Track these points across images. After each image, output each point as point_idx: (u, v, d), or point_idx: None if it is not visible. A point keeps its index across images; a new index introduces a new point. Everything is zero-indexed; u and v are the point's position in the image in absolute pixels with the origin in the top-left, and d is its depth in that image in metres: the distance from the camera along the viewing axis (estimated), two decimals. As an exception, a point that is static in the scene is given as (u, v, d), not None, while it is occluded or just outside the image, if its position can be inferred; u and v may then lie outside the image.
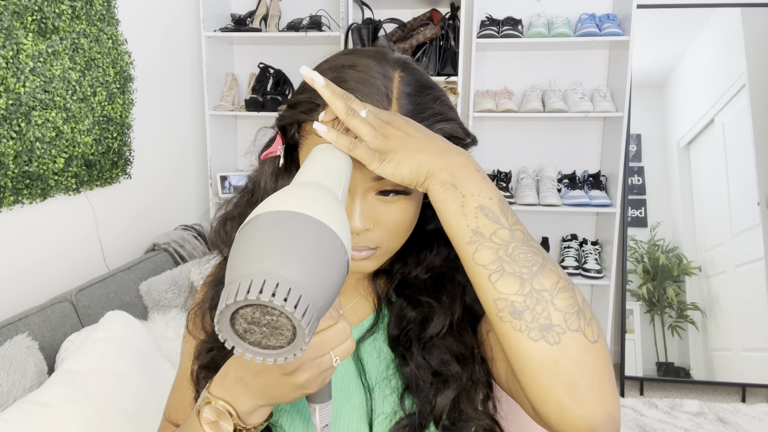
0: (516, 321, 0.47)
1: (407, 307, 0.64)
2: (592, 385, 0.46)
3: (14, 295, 1.61)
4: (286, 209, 0.41)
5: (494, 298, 0.48)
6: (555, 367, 0.46)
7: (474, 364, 0.63)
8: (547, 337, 0.46)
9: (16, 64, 1.56)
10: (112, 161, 2.02)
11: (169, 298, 1.85)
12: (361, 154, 0.50)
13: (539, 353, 0.46)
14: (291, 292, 0.36)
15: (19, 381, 1.25)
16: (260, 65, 2.70)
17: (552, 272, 0.48)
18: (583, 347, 0.47)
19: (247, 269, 0.37)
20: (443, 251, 0.66)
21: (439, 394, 0.61)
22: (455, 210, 0.50)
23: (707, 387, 2.63)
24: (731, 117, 2.55)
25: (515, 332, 0.47)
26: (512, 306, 0.47)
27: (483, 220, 0.49)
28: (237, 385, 0.52)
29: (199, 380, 0.67)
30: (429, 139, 0.52)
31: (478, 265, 0.48)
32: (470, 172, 0.51)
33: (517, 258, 0.48)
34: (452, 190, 0.50)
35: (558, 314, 0.47)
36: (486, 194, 0.50)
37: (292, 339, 0.39)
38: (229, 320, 0.39)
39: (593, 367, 0.47)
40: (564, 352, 0.46)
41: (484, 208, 0.49)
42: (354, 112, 0.50)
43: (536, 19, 2.50)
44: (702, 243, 2.59)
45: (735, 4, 2.53)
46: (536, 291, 0.47)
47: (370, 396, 0.63)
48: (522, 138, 2.75)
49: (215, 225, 0.68)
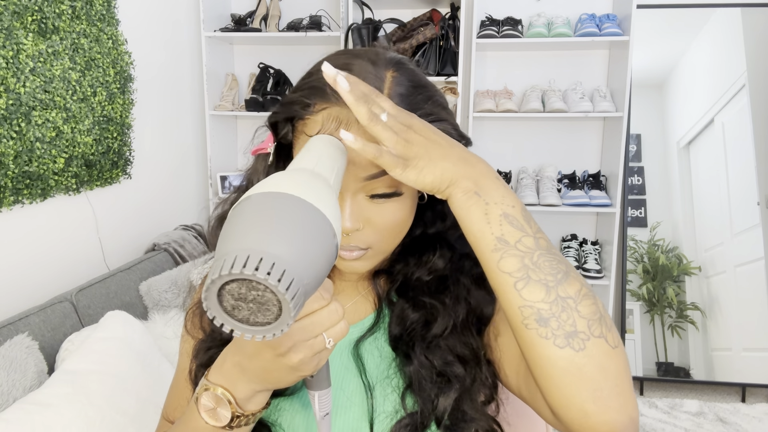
0: (542, 328, 0.47)
1: (409, 308, 0.64)
2: (615, 389, 0.47)
3: (14, 295, 1.61)
4: (275, 190, 0.42)
5: (520, 305, 0.48)
6: (580, 373, 0.47)
7: (477, 365, 0.63)
8: (572, 343, 0.47)
9: (16, 64, 1.56)
10: (112, 161, 2.02)
11: (169, 298, 1.85)
12: (385, 162, 0.49)
13: (565, 360, 0.47)
14: (275, 267, 0.37)
15: (19, 381, 1.25)
16: (260, 65, 2.70)
17: (575, 280, 0.49)
18: (606, 353, 0.47)
19: (234, 245, 0.38)
20: (446, 254, 0.66)
21: (441, 394, 0.61)
22: (479, 217, 0.50)
23: (707, 387, 2.63)
24: (731, 117, 2.55)
25: (541, 339, 0.48)
26: (538, 313, 0.47)
27: (507, 227, 0.49)
28: (234, 370, 0.52)
29: (197, 379, 0.67)
30: (450, 146, 0.52)
31: (504, 272, 0.49)
32: (492, 180, 0.51)
33: (543, 266, 0.48)
34: (475, 197, 0.50)
35: (582, 321, 0.48)
36: (509, 202, 0.50)
37: (278, 315, 0.39)
38: (216, 296, 0.39)
39: (616, 372, 0.47)
40: (589, 359, 0.47)
41: (508, 215, 0.50)
42: (376, 118, 0.50)
43: (536, 19, 2.50)
44: (702, 243, 2.59)
45: (735, 4, 2.53)
46: (561, 298, 0.48)
47: (371, 394, 0.63)
48: (522, 138, 2.75)
49: (212, 224, 0.68)
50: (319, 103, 0.56)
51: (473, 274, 0.65)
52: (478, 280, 0.65)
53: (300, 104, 0.57)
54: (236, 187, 0.69)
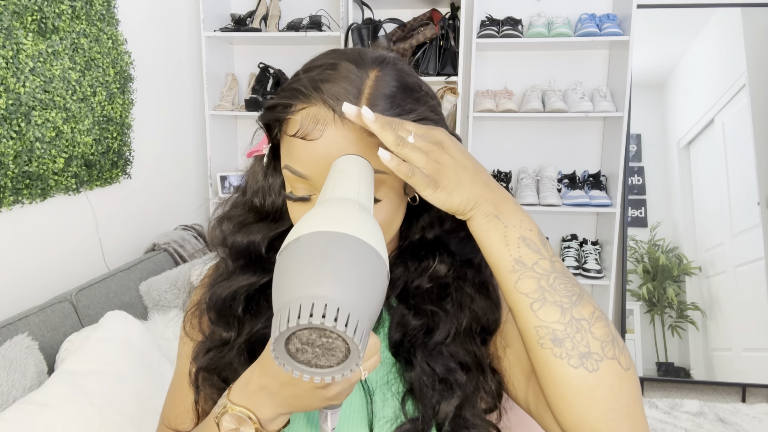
0: (557, 348, 0.49)
1: (410, 314, 0.64)
2: (627, 410, 0.48)
3: (14, 295, 1.61)
4: (328, 229, 0.41)
5: (536, 325, 0.50)
6: (593, 393, 0.48)
7: (481, 373, 0.63)
8: (586, 364, 0.48)
9: (16, 64, 1.56)
10: (112, 161, 2.02)
11: (169, 298, 1.85)
12: (417, 181, 0.50)
13: (578, 380, 0.48)
14: (340, 312, 0.37)
15: (19, 381, 1.24)
16: (260, 65, 2.70)
17: (588, 302, 0.51)
18: (618, 375, 0.49)
19: (300, 293, 0.38)
20: (447, 260, 0.65)
21: (442, 401, 0.61)
22: (498, 239, 0.52)
23: (707, 387, 2.63)
24: (731, 117, 2.55)
25: (555, 359, 0.49)
26: (553, 334, 0.49)
27: (525, 250, 0.51)
28: (261, 393, 0.53)
29: (198, 383, 0.66)
30: (477, 170, 0.53)
31: (521, 293, 0.50)
32: (511, 205, 0.53)
33: (558, 288, 0.50)
34: (495, 221, 0.52)
35: (596, 342, 0.49)
36: (527, 226, 0.52)
37: (343, 359, 0.40)
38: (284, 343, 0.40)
39: (628, 393, 0.49)
40: (602, 380, 0.48)
41: (526, 239, 0.52)
42: (404, 141, 0.51)
43: (536, 19, 2.50)
44: (702, 243, 2.58)
45: (735, 4, 2.52)
46: (576, 320, 0.49)
47: (371, 400, 0.63)
48: (522, 138, 2.75)
49: (212, 225, 0.68)
50: (299, 104, 0.56)
51: (476, 282, 0.65)
52: (482, 289, 0.65)
53: (281, 106, 0.57)
54: (236, 187, 0.69)
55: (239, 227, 0.66)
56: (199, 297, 0.70)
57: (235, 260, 0.66)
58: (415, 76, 0.61)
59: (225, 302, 0.65)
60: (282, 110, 0.57)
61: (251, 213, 0.66)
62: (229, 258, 0.66)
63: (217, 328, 0.66)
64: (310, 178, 0.56)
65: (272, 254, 0.66)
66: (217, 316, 0.66)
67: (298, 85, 0.56)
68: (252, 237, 0.65)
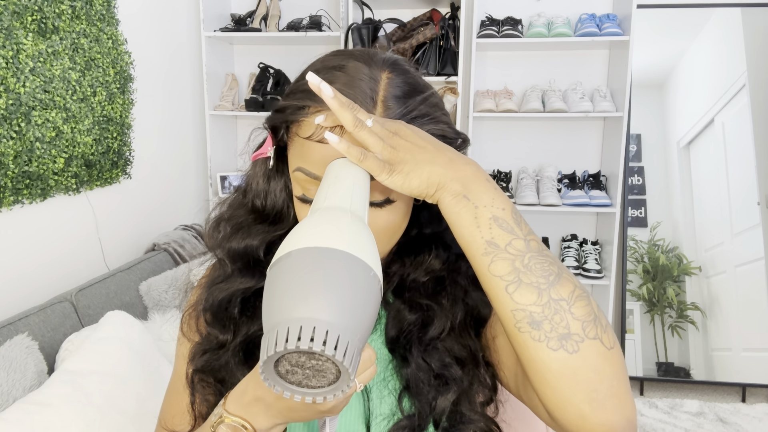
0: (535, 331, 0.47)
1: (405, 309, 0.64)
2: (611, 391, 0.47)
3: (14, 295, 1.61)
4: (319, 245, 0.40)
5: (512, 309, 0.48)
6: (575, 375, 0.47)
7: (476, 367, 0.63)
8: (566, 346, 0.47)
9: (16, 64, 1.56)
10: (112, 161, 2.02)
11: (169, 298, 1.85)
12: (370, 166, 0.49)
13: (559, 362, 0.47)
14: (329, 335, 0.36)
15: (19, 381, 1.25)
16: (260, 65, 2.70)
17: (568, 281, 0.49)
18: (601, 354, 0.47)
19: (288, 314, 0.37)
20: (442, 254, 0.65)
21: (439, 396, 0.61)
22: (468, 221, 0.49)
23: (707, 387, 2.63)
24: (731, 117, 2.55)
25: (534, 342, 0.47)
26: (530, 316, 0.47)
27: (497, 230, 0.49)
28: (256, 404, 0.53)
29: (194, 384, 0.66)
30: (438, 149, 0.51)
31: (495, 276, 0.48)
32: (481, 182, 0.50)
33: (534, 268, 0.48)
34: (464, 201, 0.49)
35: (576, 323, 0.47)
36: (499, 204, 0.50)
37: (334, 380, 0.39)
38: (273, 365, 0.39)
39: (611, 373, 0.47)
40: (583, 361, 0.47)
41: (498, 218, 0.49)
42: (361, 123, 0.50)
43: (536, 19, 2.50)
44: (702, 243, 2.58)
45: (735, 4, 2.52)
46: (554, 301, 0.47)
47: (368, 397, 0.63)
48: (522, 138, 2.75)
49: (209, 226, 0.67)
50: (313, 106, 0.55)
51: (470, 274, 0.65)
52: (475, 281, 0.65)
53: (294, 108, 0.57)
54: (236, 187, 0.69)
55: (237, 229, 0.65)
56: (196, 298, 0.70)
57: (233, 262, 0.66)
58: (423, 79, 0.61)
59: (221, 305, 0.65)
60: (293, 112, 0.56)
61: (251, 215, 0.66)
62: (227, 260, 0.66)
63: (213, 330, 0.66)
64: None
65: (270, 257, 0.66)
66: (213, 318, 0.66)
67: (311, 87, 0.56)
68: (250, 240, 0.65)
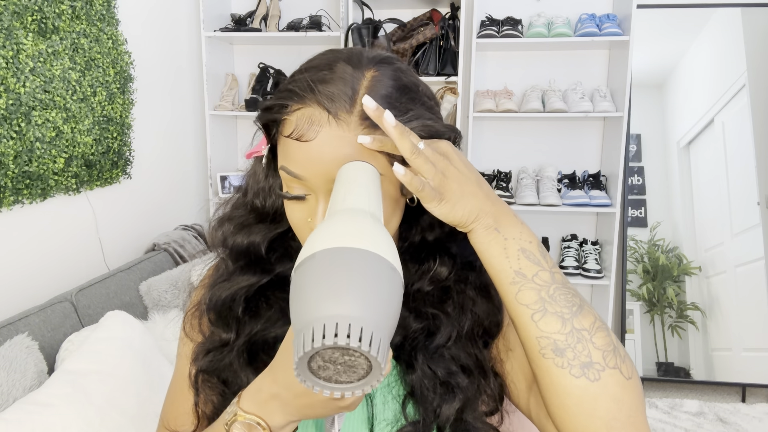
0: (558, 358, 0.49)
1: (410, 317, 0.63)
2: (629, 420, 0.48)
3: (14, 295, 1.61)
4: (344, 245, 0.41)
5: (537, 336, 0.50)
6: (594, 403, 0.48)
7: (483, 376, 0.63)
8: (587, 374, 0.49)
9: (16, 64, 1.56)
10: (112, 161, 2.02)
11: (169, 298, 1.85)
12: (426, 195, 0.50)
13: (580, 389, 0.49)
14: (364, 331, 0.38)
15: (19, 381, 1.24)
16: (260, 65, 2.70)
17: (589, 312, 0.51)
18: (620, 384, 0.49)
19: (322, 312, 0.38)
20: (447, 263, 0.65)
21: (444, 404, 0.61)
22: (498, 252, 0.52)
23: (707, 387, 2.63)
24: (731, 117, 2.55)
25: (557, 369, 0.50)
26: (555, 344, 0.50)
27: (525, 262, 0.52)
28: (272, 402, 0.53)
29: (198, 384, 0.66)
30: (479, 183, 0.54)
31: (522, 305, 0.51)
32: (511, 217, 0.54)
33: (558, 299, 0.51)
34: (495, 233, 0.53)
35: (597, 352, 0.49)
36: (526, 238, 0.53)
37: (364, 375, 0.41)
38: (307, 362, 0.40)
39: (630, 403, 0.49)
40: (603, 389, 0.49)
41: (526, 251, 0.52)
42: (419, 151, 0.50)
43: (536, 19, 2.50)
44: (702, 243, 2.59)
45: (735, 4, 2.53)
46: (577, 330, 0.50)
47: (371, 402, 0.62)
48: (522, 138, 2.75)
49: (213, 226, 0.68)
50: (294, 105, 0.55)
51: (478, 284, 0.65)
52: (483, 291, 0.65)
53: (277, 106, 0.57)
54: (237, 187, 0.69)
55: (240, 228, 0.66)
56: (198, 298, 0.70)
57: (235, 261, 0.66)
58: (413, 76, 0.60)
59: (224, 303, 0.65)
60: (278, 111, 0.57)
61: (252, 214, 0.66)
62: (229, 259, 0.66)
63: (216, 330, 0.66)
64: (305, 179, 0.55)
65: (271, 254, 0.66)
66: (217, 317, 0.66)
67: (293, 86, 0.56)
68: (252, 238, 0.65)
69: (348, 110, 0.53)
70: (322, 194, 0.56)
